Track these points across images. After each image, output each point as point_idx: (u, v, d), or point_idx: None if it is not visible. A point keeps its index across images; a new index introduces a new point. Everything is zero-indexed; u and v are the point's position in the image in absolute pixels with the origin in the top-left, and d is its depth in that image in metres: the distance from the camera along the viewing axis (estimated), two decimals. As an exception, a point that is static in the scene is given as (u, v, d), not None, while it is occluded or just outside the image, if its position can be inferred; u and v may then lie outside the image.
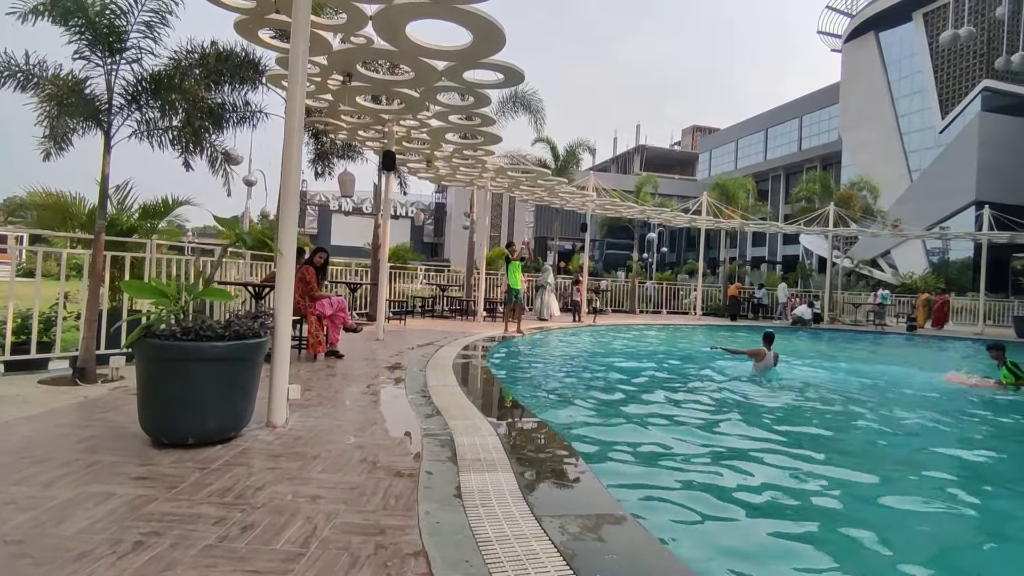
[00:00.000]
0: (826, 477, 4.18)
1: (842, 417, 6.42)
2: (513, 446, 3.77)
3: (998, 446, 5.64)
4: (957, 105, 30.65)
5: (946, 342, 17.20)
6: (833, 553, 3.02)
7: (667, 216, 20.70)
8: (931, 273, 28.81)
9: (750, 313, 21.87)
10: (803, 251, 38.39)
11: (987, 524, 3.66)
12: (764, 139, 48.67)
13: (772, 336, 8.87)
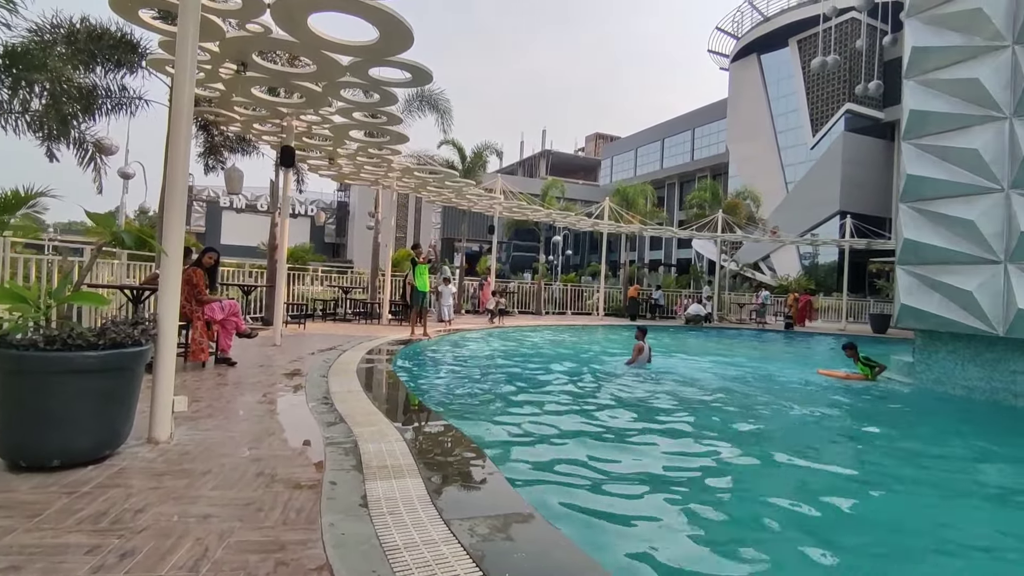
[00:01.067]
0: (715, 456, 4.52)
1: (717, 402, 6.95)
2: (420, 451, 3.72)
3: (845, 423, 6.36)
4: (825, 125, 34.10)
5: (814, 337, 19.08)
6: (723, 530, 3.26)
7: (572, 220, 21.35)
8: (803, 275, 31.87)
9: (648, 313, 23.06)
10: (695, 255, 41.08)
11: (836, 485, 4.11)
12: (661, 149, 51.56)
13: (645, 330, 10.00)
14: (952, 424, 7.07)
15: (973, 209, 8.01)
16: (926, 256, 8.56)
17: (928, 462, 5.16)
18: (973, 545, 3.39)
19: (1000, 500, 4.27)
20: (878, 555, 3.15)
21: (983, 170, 7.94)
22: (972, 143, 8.09)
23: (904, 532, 3.54)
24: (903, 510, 3.92)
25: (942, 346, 8.63)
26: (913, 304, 8.63)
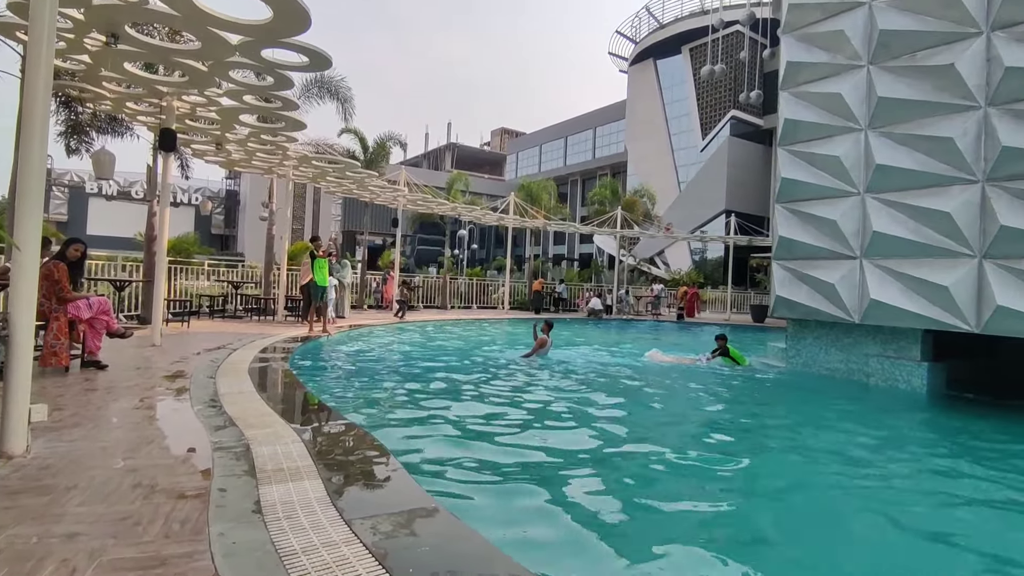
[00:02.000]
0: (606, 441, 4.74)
1: (615, 391, 7.32)
2: (320, 452, 3.58)
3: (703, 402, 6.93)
4: (713, 129, 36.64)
5: (702, 327, 20.50)
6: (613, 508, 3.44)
7: (477, 214, 21.42)
8: (694, 270, 34.12)
9: (552, 307, 23.66)
10: (596, 250, 42.69)
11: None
12: (564, 146, 52.97)
13: (551, 324, 10.41)
14: (813, 398, 7.88)
15: (836, 210, 8.95)
16: (797, 252, 9.46)
17: (787, 430, 5.85)
18: (819, 483, 4.36)
19: (842, 455, 4.86)
20: (744, 492, 3.60)
21: (844, 175, 8.89)
22: (835, 151, 9.02)
23: (764, 477, 4.38)
24: (767, 465, 4.70)
25: (809, 333, 9.59)
26: (786, 295, 9.52)
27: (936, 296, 7.66)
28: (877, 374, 8.56)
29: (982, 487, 4.45)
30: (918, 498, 4.16)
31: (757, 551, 3.20)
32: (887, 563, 3.11)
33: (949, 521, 3.75)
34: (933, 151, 7.88)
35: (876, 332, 8.68)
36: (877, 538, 3.44)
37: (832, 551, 3.26)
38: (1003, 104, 7.25)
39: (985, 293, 7.24)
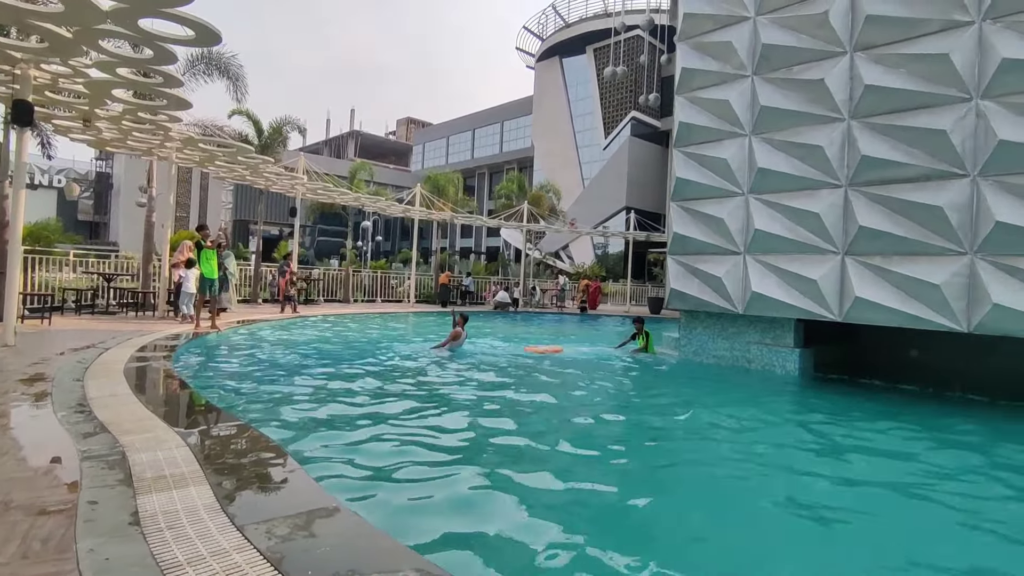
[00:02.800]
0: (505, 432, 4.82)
1: (523, 383, 7.46)
2: (208, 456, 3.33)
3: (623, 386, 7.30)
4: (615, 128, 38.07)
5: (603, 319, 21.35)
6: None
7: (382, 205, 20.86)
8: (596, 264, 35.38)
9: (459, 300, 23.61)
10: (503, 243, 43.09)
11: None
12: (472, 139, 52.85)
13: (467, 317, 10.38)
14: (699, 383, 8.46)
15: (723, 209, 9.63)
16: (690, 247, 10.08)
17: (679, 409, 6.27)
18: (696, 458, 4.76)
19: (720, 431, 5.27)
20: (645, 461, 3.74)
21: (730, 177, 9.57)
22: (723, 154, 9.69)
23: (650, 455, 4.70)
24: (658, 439, 5.16)
25: (699, 323, 10.27)
26: (679, 288, 10.12)
27: (806, 288, 8.48)
28: (757, 360, 9.34)
29: (834, 453, 5.05)
30: (783, 465, 4.70)
31: (640, 523, 3.39)
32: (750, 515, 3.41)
33: (806, 483, 4.27)
34: (806, 157, 8.68)
35: (756, 322, 9.46)
36: (747, 500, 3.79)
37: (702, 512, 3.53)
38: (863, 117, 8.12)
39: (846, 286, 8.11)
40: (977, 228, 7.08)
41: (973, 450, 5.37)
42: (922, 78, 7.60)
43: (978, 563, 3.11)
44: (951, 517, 3.75)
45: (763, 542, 3.29)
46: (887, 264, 7.77)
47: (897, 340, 9.51)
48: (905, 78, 7.75)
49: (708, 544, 3.22)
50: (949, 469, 4.72)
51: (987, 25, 7.13)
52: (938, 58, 7.45)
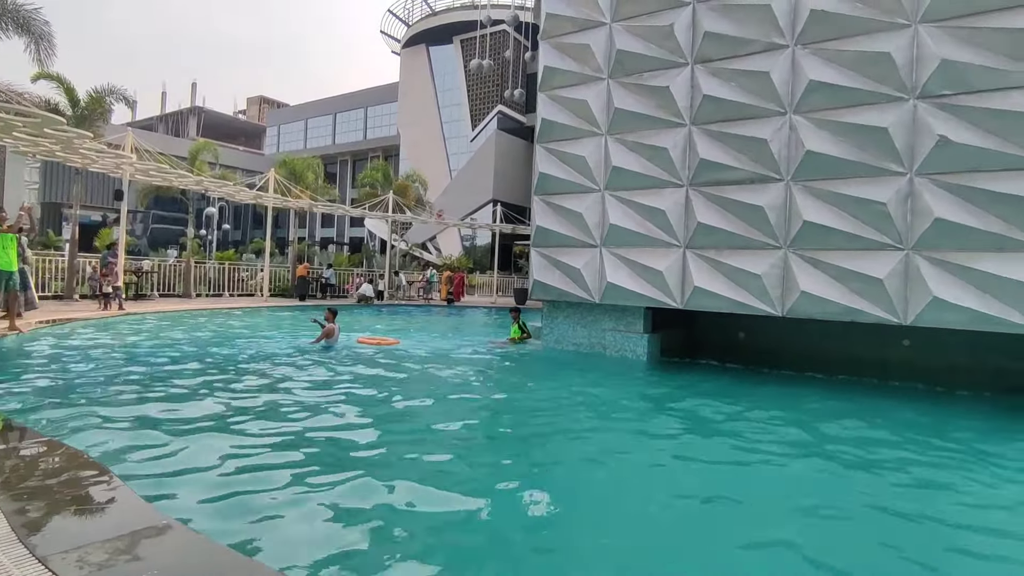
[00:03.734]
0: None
1: (399, 376, 7.27)
2: (7, 480, 2.79)
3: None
4: (482, 121, 38.40)
5: (471, 310, 21.54)
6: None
7: (229, 190, 19.06)
8: (464, 256, 35.57)
9: (319, 292, 22.42)
10: (368, 234, 41.69)
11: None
12: (333, 123, 50.32)
13: (336, 311, 10.03)
14: (560, 369, 8.85)
15: (582, 204, 10.09)
16: (552, 240, 10.44)
17: (543, 392, 6.65)
18: (554, 433, 5.08)
19: (575, 410, 5.58)
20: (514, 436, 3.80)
21: (588, 174, 10.05)
22: (582, 151, 10.13)
23: (526, 426, 4.65)
24: (525, 420, 5.32)
25: (560, 313, 10.71)
26: (542, 279, 10.46)
27: (654, 279, 9.19)
28: (612, 346, 9.97)
29: (672, 423, 5.55)
30: (634, 434, 5.32)
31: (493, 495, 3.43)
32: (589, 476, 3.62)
33: (654, 450, 4.84)
34: (654, 158, 9.36)
35: (611, 310, 10.08)
36: (596, 466, 4.01)
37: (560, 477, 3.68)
38: (702, 124, 8.93)
39: (687, 276, 8.92)
40: (790, 226, 8.13)
41: (790, 424, 6.16)
42: (748, 92, 8.52)
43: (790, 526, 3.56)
44: (760, 474, 4.27)
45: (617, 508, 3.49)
46: (719, 256, 8.66)
47: (727, 324, 10.67)
48: (735, 91, 8.64)
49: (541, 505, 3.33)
50: (765, 438, 5.37)
51: (799, 50, 8.17)
52: (761, 75, 8.40)
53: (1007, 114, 6.81)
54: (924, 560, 3.00)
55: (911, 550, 3.11)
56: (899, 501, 3.81)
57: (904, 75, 7.41)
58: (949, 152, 7.10)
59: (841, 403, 7.01)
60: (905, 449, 5.05)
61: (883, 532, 3.35)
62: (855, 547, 3.17)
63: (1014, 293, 6.70)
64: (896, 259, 7.41)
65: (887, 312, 7.44)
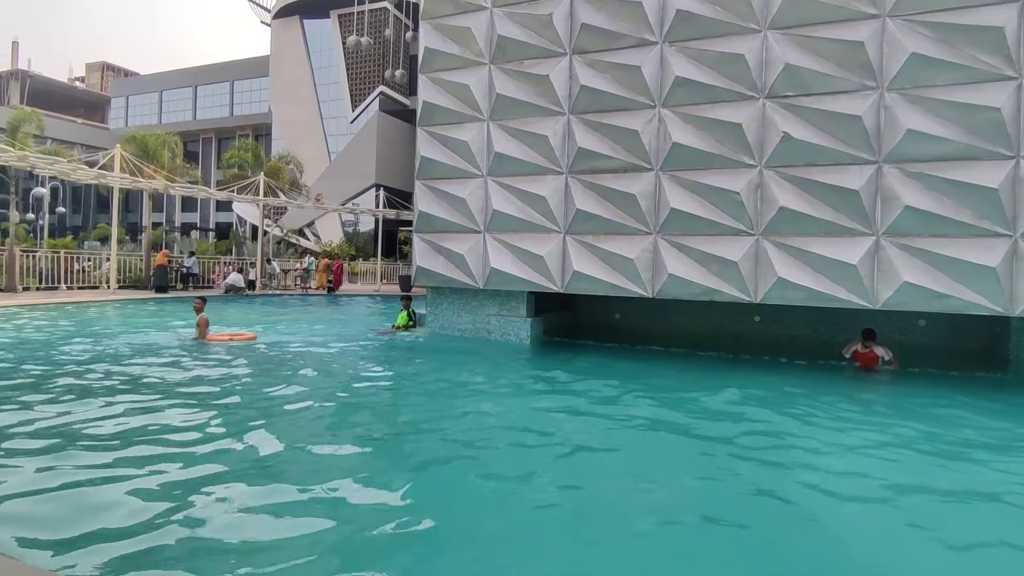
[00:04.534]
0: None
1: (293, 371, 6.80)
2: None
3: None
4: (363, 102, 36.83)
5: (352, 299, 20.75)
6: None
7: (64, 168, 16.64)
8: (346, 242, 34.12)
9: (180, 283, 20.42)
10: (237, 219, 38.58)
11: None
12: (194, 96, 45.74)
13: (205, 300, 9.48)
14: (446, 355, 8.82)
15: (465, 189, 10.03)
16: (435, 226, 10.29)
17: (421, 378, 6.58)
18: (434, 412, 5.15)
19: (460, 391, 5.60)
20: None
21: (471, 159, 10.00)
22: (464, 136, 10.06)
23: (391, 418, 4.56)
24: (395, 406, 5.28)
25: (445, 299, 10.63)
26: (425, 265, 10.30)
27: (536, 264, 9.40)
28: (496, 330, 10.09)
29: (556, 397, 5.76)
30: (522, 408, 5.52)
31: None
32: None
33: (543, 419, 4.98)
34: (535, 145, 9.52)
35: (495, 295, 10.18)
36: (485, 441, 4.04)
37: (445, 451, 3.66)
38: (579, 113, 9.22)
39: (567, 261, 9.22)
40: (659, 213, 8.67)
41: (648, 394, 6.59)
42: (621, 84, 8.92)
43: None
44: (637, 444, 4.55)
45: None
46: (596, 242, 9.05)
47: (604, 306, 11.23)
48: (610, 82, 9.00)
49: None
50: (640, 407, 5.72)
51: (667, 47, 8.67)
52: (633, 69, 8.82)
53: (837, 115, 7.74)
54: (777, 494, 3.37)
55: (766, 485, 3.50)
56: (731, 451, 4.25)
57: (755, 76, 8.14)
58: (791, 148, 7.94)
59: (695, 374, 7.73)
60: (746, 411, 5.63)
61: (737, 474, 3.70)
62: (722, 490, 3.54)
63: (840, 273, 7.68)
64: (748, 243, 8.18)
65: (741, 291, 8.21)
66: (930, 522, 3.26)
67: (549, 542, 2.97)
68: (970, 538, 3.14)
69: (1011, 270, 6.99)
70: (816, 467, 4.14)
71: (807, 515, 3.36)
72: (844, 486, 3.79)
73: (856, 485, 3.83)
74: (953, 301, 7.24)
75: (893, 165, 7.49)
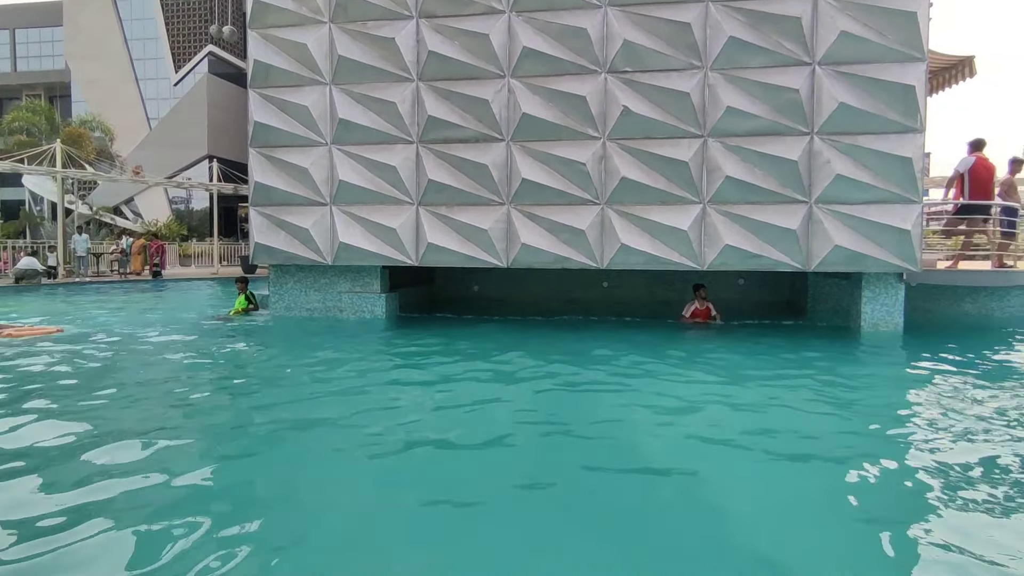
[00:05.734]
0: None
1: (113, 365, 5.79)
2: None
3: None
4: (188, 62, 32.67)
5: (181, 283, 18.62)
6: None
7: None
8: (175, 221, 30.39)
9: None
10: (29, 195, 32.55)
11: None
12: (-41, 46, 37.38)
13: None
14: (296, 336, 8.20)
15: (307, 158, 9.28)
16: (274, 198, 9.43)
17: (266, 360, 6.00)
18: (289, 399, 4.48)
19: (312, 376, 5.23)
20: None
21: (313, 126, 9.25)
22: (304, 100, 9.26)
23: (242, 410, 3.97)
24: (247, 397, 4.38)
25: (290, 278, 9.85)
26: (265, 242, 9.43)
27: (388, 237, 9.02)
28: (349, 308, 9.59)
29: (409, 372, 5.59)
30: (377, 386, 5.38)
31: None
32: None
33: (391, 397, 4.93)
34: (382, 112, 9.05)
35: (346, 271, 9.63)
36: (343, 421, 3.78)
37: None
38: (428, 80, 8.90)
39: (420, 233, 8.96)
40: (511, 183, 8.72)
41: (501, 358, 6.68)
42: (470, 52, 8.74)
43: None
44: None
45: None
46: (450, 213, 8.89)
47: (463, 279, 11.18)
48: (459, 50, 8.78)
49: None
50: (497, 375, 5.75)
51: (514, 16, 8.62)
52: (481, 36, 8.67)
53: (669, 91, 8.28)
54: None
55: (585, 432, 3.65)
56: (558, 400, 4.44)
57: (597, 50, 8.42)
58: (630, 121, 8.37)
59: (545, 338, 7.98)
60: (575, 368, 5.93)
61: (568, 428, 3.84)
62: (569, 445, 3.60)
63: (674, 238, 8.33)
64: (594, 212, 8.54)
65: (589, 258, 8.58)
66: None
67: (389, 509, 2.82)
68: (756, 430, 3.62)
69: (808, 232, 8.08)
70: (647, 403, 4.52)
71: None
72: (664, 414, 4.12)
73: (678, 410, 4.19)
74: (764, 260, 8.21)
75: (716, 139, 8.23)
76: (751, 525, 2.75)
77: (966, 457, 3.53)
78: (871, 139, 7.91)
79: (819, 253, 8.11)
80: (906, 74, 7.80)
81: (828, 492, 3.15)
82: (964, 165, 8.77)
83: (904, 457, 3.62)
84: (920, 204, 7.95)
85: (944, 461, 3.49)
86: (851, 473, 3.33)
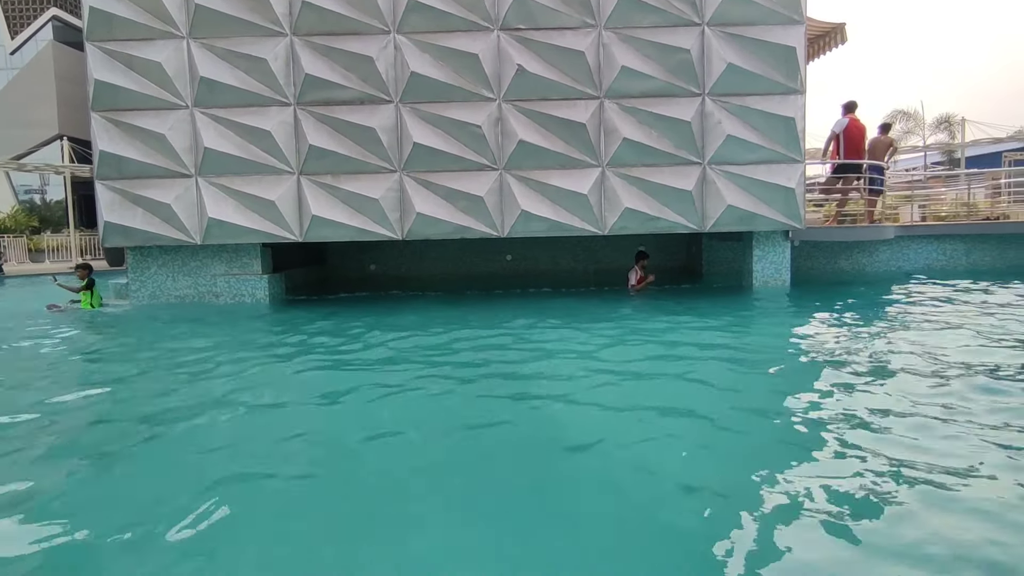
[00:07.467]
0: None
1: None
2: None
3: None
4: (28, 28, 28.50)
5: (25, 281, 16.25)
6: None
7: None
8: (23, 211, 26.64)
9: None
10: None
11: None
12: None
13: None
14: (160, 327, 7.16)
15: (164, 123, 8.10)
16: (127, 170, 8.17)
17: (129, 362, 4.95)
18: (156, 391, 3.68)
19: (191, 367, 4.46)
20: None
21: (169, 85, 8.07)
22: (156, 56, 8.05)
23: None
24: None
25: (153, 262, 8.63)
26: (117, 221, 8.17)
27: (266, 211, 8.09)
28: (225, 292, 8.56)
29: (293, 355, 4.93)
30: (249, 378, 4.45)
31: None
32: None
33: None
34: (252, 70, 8.05)
35: (220, 252, 8.57)
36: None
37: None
38: (304, 35, 8.01)
39: (304, 206, 8.12)
40: (402, 148, 8.08)
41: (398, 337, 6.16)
42: (350, 4, 7.94)
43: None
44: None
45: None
46: (336, 182, 8.11)
47: (358, 258, 10.41)
48: (338, 3, 7.95)
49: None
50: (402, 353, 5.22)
51: (396, -34, 7.91)
52: (361, -12, 7.89)
53: (564, 50, 7.97)
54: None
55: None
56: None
57: (488, 6, 7.92)
58: (526, 81, 7.98)
59: (443, 313, 7.51)
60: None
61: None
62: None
63: (574, 203, 8.11)
64: (492, 178, 8.12)
65: (489, 227, 8.17)
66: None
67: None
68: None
69: (702, 193, 8.14)
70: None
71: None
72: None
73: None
74: (662, 223, 8.20)
75: (612, 100, 8.05)
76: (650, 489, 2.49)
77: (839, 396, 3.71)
78: (757, 100, 8.07)
79: (713, 214, 8.21)
80: (788, 36, 7.99)
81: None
82: (839, 126, 9.23)
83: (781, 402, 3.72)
84: (803, 163, 8.25)
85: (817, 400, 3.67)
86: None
